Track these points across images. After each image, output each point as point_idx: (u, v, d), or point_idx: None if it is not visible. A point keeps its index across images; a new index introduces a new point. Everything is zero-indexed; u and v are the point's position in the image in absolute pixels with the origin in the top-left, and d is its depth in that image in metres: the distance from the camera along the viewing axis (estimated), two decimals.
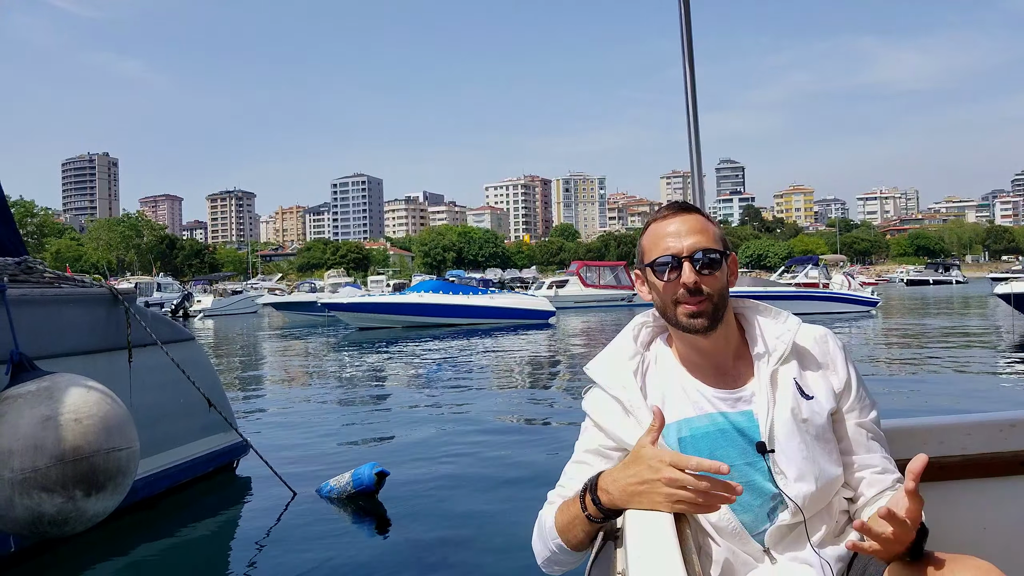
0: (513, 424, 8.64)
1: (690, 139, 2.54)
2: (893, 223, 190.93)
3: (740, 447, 1.44)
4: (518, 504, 5.13)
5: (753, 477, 1.42)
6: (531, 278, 62.03)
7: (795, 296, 26.49)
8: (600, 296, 40.23)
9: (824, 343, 1.53)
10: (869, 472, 1.47)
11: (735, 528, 1.41)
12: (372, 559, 4.45)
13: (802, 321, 1.57)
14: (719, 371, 1.51)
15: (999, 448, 1.78)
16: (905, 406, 8.55)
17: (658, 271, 1.47)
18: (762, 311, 1.57)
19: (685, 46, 2.48)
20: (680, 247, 1.45)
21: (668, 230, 1.48)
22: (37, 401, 3.38)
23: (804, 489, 1.40)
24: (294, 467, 6.20)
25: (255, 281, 73.47)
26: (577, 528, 1.37)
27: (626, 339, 1.58)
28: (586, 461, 1.49)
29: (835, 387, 1.49)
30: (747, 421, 1.45)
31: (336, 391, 12.07)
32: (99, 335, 4.99)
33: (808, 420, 1.44)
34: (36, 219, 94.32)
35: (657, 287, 1.49)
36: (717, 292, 1.45)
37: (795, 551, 1.40)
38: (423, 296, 26.93)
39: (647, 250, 1.51)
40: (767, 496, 1.42)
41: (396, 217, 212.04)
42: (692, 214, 1.50)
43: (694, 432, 1.46)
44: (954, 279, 69.98)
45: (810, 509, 1.41)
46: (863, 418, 1.50)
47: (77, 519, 3.37)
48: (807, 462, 1.41)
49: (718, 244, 1.48)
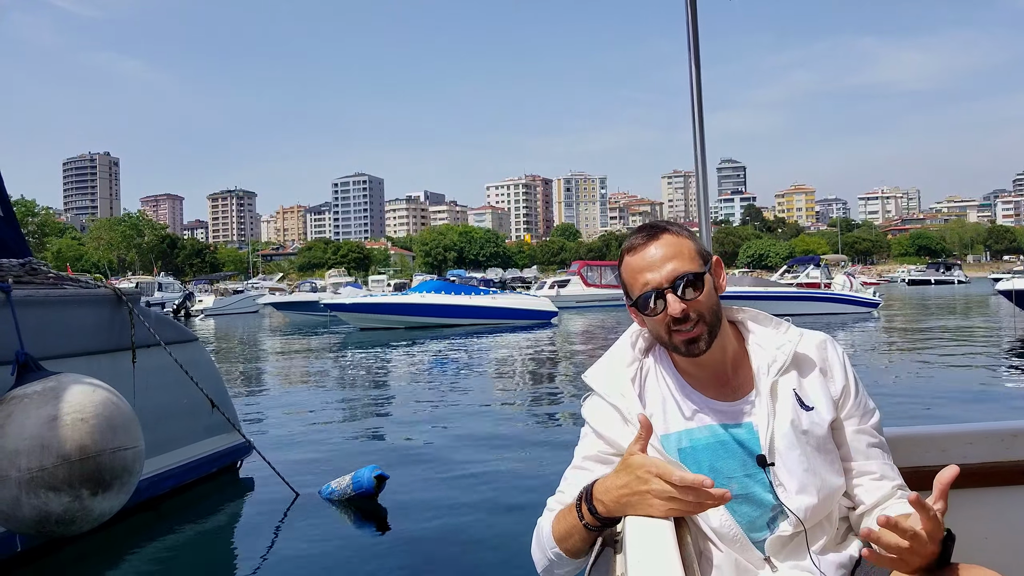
0: (515, 427, 8.63)
1: (695, 138, 2.54)
2: (894, 223, 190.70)
3: (740, 459, 1.44)
4: (518, 509, 5.13)
5: (753, 489, 1.42)
6: (532, 278, 62.04)
7: (796, 297, 26.49)
8: (602, 296, 40.23)
9: (823, 350, 1.52)
10: (867, 479, 1.46)
11: (736, 534, 1.40)
12: (372, 562, 4.46)
13: (803, 326, 1.57)
14: (718, 381, 1.50)
15: (1001, 458, 1.78)
16: (907, 412, 8.55)
17: (643, 307, 1.46)
18: (762, 320, 1.56)
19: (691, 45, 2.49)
20: (659, 279, 1.43)
21: (644, 262, 1.46)
22: (43, 401, 3.40)
23: (806, 502, 1.40)
24: (296, 468, 6.21)
25: (256, 281, 73.45)
26: (575, 537, 1.37)
27: (624, 346, 1.58)
28: (586, 467, 1.49)
29: (834, 394, 1.48)
30: (747, 433, 1.45)
31: (338, 392, 12.08)
32: (103, 336, 5.01)
33: (808, 432, 1.43)
34: (37, 218, 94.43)
35: (647, 321, 1.49)
36: (707, 311, 1.44)
37: (796, 560, 1.40)
38: (425, 297, 26.91)
39: (629, 286, 1.49)
40: (767, 508, 1.42)
41: (397, 217, 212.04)
42: (662, 236, 1.47)
43: (695, 443, 1.46)
44: (956, 279, 69.88)
45: (811, 520, 1.41)
46: (862, 425, 1.49)
47: (84, 518, 3.39)
48: (808, 474, 1.41)
49: (696, 262, 1.45)
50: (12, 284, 4.31)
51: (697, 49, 2.51)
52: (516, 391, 11.78)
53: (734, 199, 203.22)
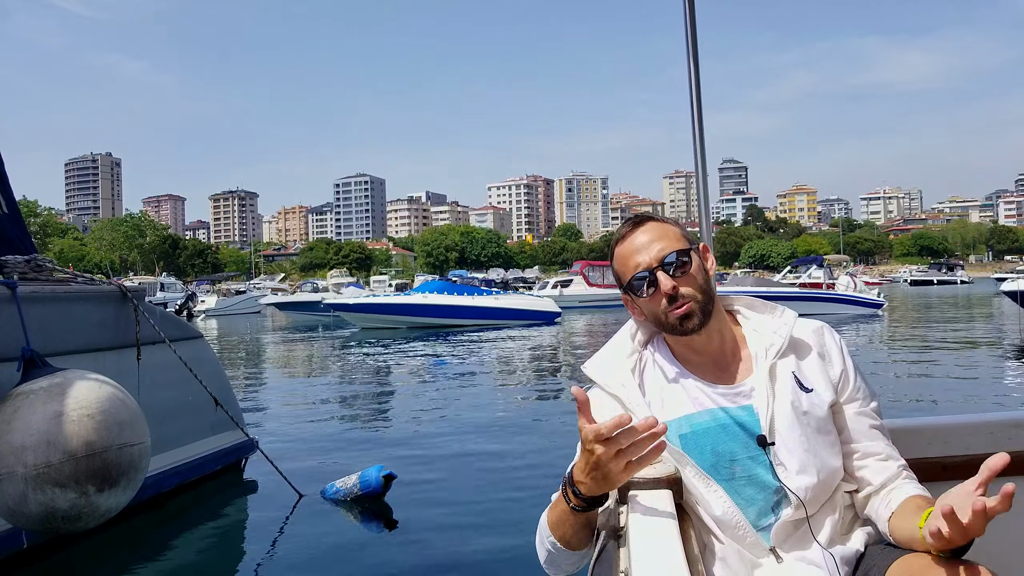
0: (520, 426, 8.63)
1: (695, 138, 2.53)
2: (896, 223, 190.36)
3: (742, 441, 1.44)
4: (526, 507, 5.11)
5: (756, 471, 1.42)
6: (534, 278, 62.02)
7: (801, 297, 26.43)
8: (605, 296, 40.21)
9: (821, 335, 1.54)
10: (873, 460, 1.46)
11: (739, 522, 1.40)
12: (377, 561, 4.45)
13: (800, 316, 1.58)
14: (717, 367, 1.52)
15: (1005, 448, 1.75)
16: (913, 408, 8.53)
17: (636, 289, 1.50)
18: (757, 307, 1.58)
19: (689, 45, 2.48)
20: (649, 259, 1.47)
21: (633, 246, 1.50)
22: (49, 397, 3.39)
23: (806, 481, 1.40)
24: (299, 467, 6.21)
25: (258, 281, 73.53)
26: (567, 523, 1.36)
27: (624, 337, 1.60)
28: None
29: (833, 378, 1.49)
30: (748, 415, 1.45)
31: (341, 392, 12.08)
32: (108, 332, 5.00)
33: (808, 413, 1.44)
34: (39, 219, 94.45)
35: (642, 303, 1.52)
36: (697, 289, 1.47)
37: (801, 550, 1.40)
38: (428, 297, 26.90)
39: (621, 273, 1.53)
40: (770, 490, 1.42)
41: (399, 217, 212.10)
42: (648, 223, 1.53)
43: (695, 428, 1.46)
44: (959, 279, 69.81)
45: (812, 503, 1.41)
46: (863, 407, 1.50)
47: (90, 514, 3.38)
48: (808, 454, 1.41)
49: (683, 243, 1.50)
50: (18, 280, 4.30)
51: (696, 49, 2.51)
52: (520, 390, 11.77)
53: (736, 199, 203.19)
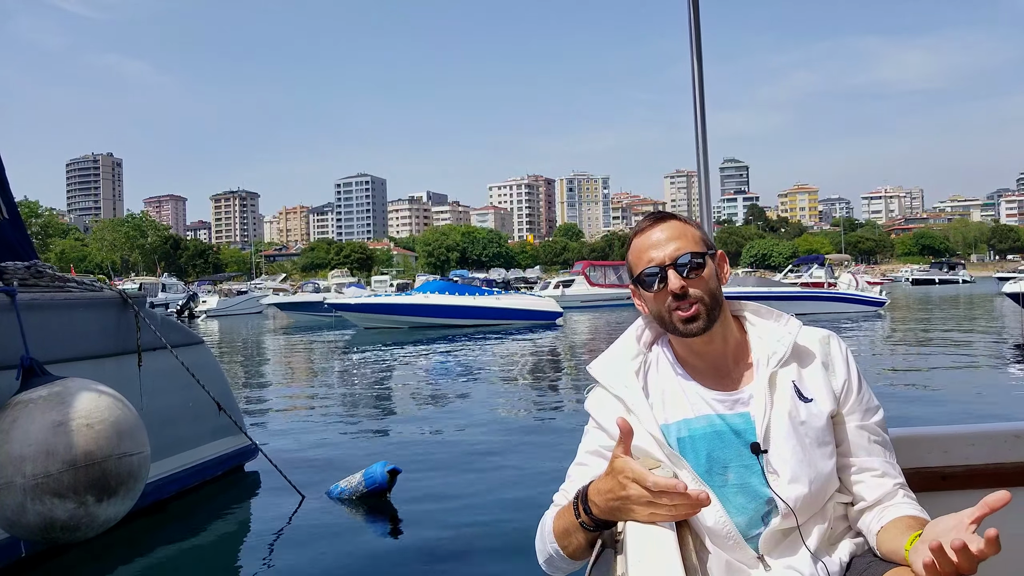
0: (522, 424, 8.63)
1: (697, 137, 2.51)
2: (898, 222, 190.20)
3: (736, 448, 1.44)
4: (530, 505, 5.10)
5: (749, 479, 1.42)
6: (535, 278, 62.05)
7: (803, 296, 26.43)
8: (606, 295, 40.29)
9: (826, 344, 1.53)
10: (869, 475, 1.46)
11: (729, 531, 1.40)
12: (381, 561, 4.45)
13: (806, 322, 1.57)
14: (718, 373, 1.52)
15: (1004, 459, 1.76)
16: (914, 413, 8.50)
17: (646, 283, 1.50)
18: (763, 313, 1.58)
19: (693, 45, 2.46)
20: (663, 256, 1.48)
21: (650, 241, 1.51)
22: (48, 406, 3.36)
23: (797, 491, 1.39)
24: (302, 469, 6.19)
25: (259, 281, 73.51)
26: (573, 536, 1.38)
27: (629, 339, 1.60)
28: (586, 463, 1.50)
29: (835, 388, 1.48)
30: (744, 423, 1.45)
31: (343, 393, 12.05)
32: (109, 339, 4.98)
33: (806, 423, 1.44)
34: (40, 219, 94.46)
35: (648, 298, 1.52)
36: (707, 293, 1.47)
37: (789, 558, 1.40)
38: (429, 297, 26.88)
39: (633, 265, 1.54)
40: (762, 499, 1.42)
41: (400, 217, 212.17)
42: (670, 221, 1.53)
43: (692, 433, 1.46)
44: (961, 278, 69.64)
45: (803, 512, 1.40)
46: (865, 421, 1.49)
47: (89, 525, 3.35)
48: (802, 464, 1.40)
49: (700, 246, 1.50)
50: (17, 287, 4.27)
51: (699, 48, 2.49)
52: (522, 389, 11.75)
53: (737, 199, 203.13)
